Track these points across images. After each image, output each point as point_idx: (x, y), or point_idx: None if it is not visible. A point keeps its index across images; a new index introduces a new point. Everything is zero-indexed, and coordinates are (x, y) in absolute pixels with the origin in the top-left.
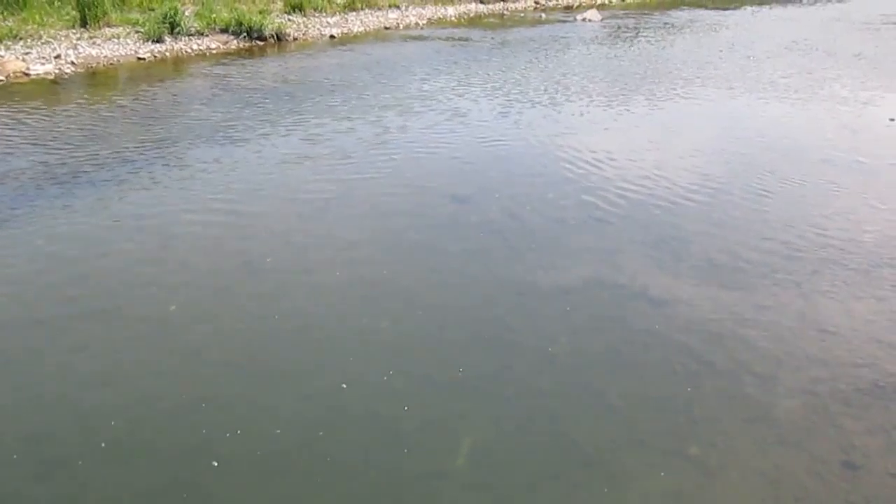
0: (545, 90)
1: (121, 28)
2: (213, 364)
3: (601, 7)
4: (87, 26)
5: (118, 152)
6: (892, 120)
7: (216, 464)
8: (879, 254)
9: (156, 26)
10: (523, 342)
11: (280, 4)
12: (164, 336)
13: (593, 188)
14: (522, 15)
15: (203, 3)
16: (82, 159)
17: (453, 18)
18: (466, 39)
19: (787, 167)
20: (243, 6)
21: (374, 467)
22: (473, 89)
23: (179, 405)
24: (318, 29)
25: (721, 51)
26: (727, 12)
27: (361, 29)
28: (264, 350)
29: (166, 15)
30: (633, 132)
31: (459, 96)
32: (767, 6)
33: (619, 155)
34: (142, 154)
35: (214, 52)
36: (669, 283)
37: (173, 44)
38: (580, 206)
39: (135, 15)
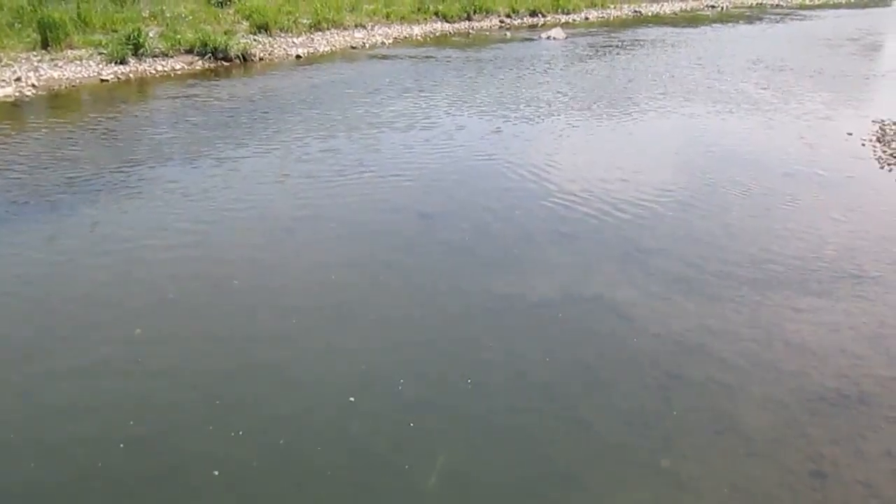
0: (512, 108)
1: (83, 50)
2: (179, 389)
3: (565, 25)
4: (49, 48)
5: (81, 175)
6: (851, 134)
7: (186, 489)
8: (841, 266)
9: (119, 47)
10: (495, 359)
11: (246, 25)
12: (129, 361)
13: (561, 204)
14: (488, 33)
15: (167, 24)
16: (44, 183)
17: (419, 37)
18: (433, 58)
19: (750, 181)
20: (208, 27)
21: (346, 489)
22: (441, 108)
23: (145, 432)
24: (285, 49)
25: (685, 67)
26: (690, 29)
27: (328, 49)
28: (232, 372)
29: (130, 36)
30: (598, 147)
31: (427, 115)
32: (731, 24)
33: (586, 170)
34: (106, 177)
35: (179, 72)
36: (638, 298)
37: (137, 65)
38: (548, 221)
39: (97, 36)
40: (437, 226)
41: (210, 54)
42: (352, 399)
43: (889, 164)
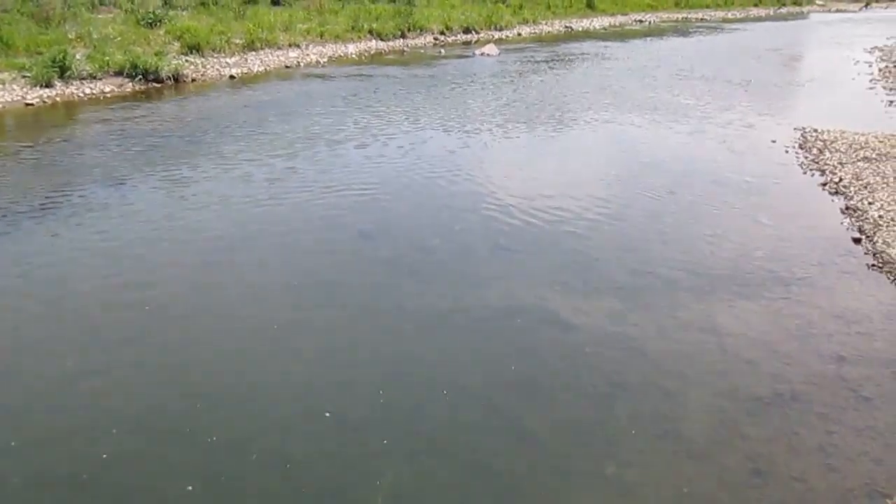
0: (447, 124)
1: (6, 73)
2: (112, 421)
3: (498, 42)
4: None
5: (7, 201)
6: (775, 142)
7: None
8: (770, 268)
9: (44, 70)
10: (437, 376)
11: (177, 45)
12: (60, 394)
13: (499, 217)
14: (422, 51)
15: (95, 46)
16: None
17: (354, 56)
18: (368, 76)
19: (681, 189)
20: (138, 48)
21: None
22: (378, 126)
23: (77, 468)
24: (218, 69)
25: (616, 80)
26: (620, 43)
27: (262, 68)
28: (167, 401)
29: (55, 58)
30: (534, 160)
31: (362, 133)
32: (658, 37)
33: (522, 183)
34: (33, 203)
35: (109, 95)
36: (576, 308)
37: (64, 88)
38: (487, 235)
39: (21, 59)
40: (378, 243)
41: (141, 76)
42: (294, 422)
43: (811, 170)
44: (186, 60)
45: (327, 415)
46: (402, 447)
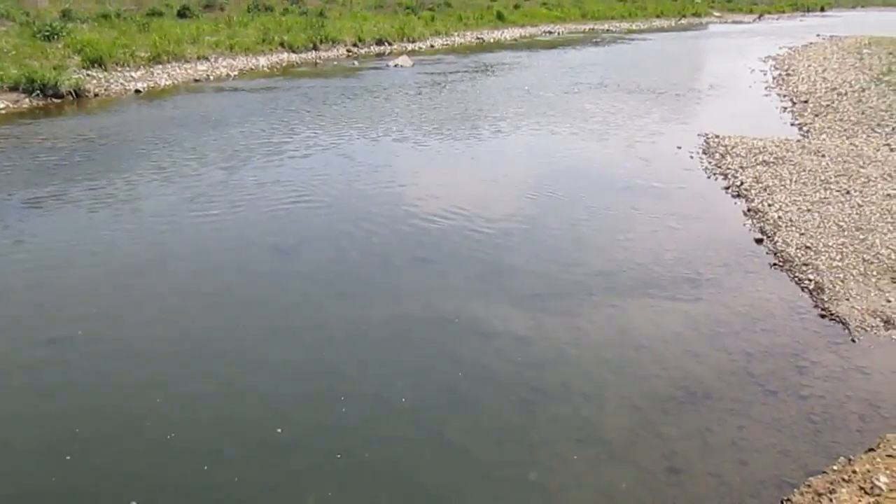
0: (362, 137)
1: None
2: (19, 450)
3: (412, 53)
4: None
5: None
6: (680, 148)
7: None
8: (680, 270)
9: None
10: (359, 390)
11: (77, 59)
12: None
13: (416, 229)
14: (336, 63)
15: None
16: None
17: (265, 68)
18: (280, 89)
19: (593, 196)
20: (35, 62)
21: None
22: (291, 140)
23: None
24: (122, 83)
25: (527, 90)
26: (530, 54)
27: (169, 82)
28: (77, 429)
29: None
30: (449, 171)
31: (276, 148)
32: (567, 48)
33: (438, 194)
34: None
35: (3, 111)
36: (495, 316)
37: None
38: (404, 247)
39: None
40: (294, 258)
41: (38, 91)
42: (211, 445)
43: (714, 174)
44: (88, 74)
45: (247, 437)
46: (327, 466)
